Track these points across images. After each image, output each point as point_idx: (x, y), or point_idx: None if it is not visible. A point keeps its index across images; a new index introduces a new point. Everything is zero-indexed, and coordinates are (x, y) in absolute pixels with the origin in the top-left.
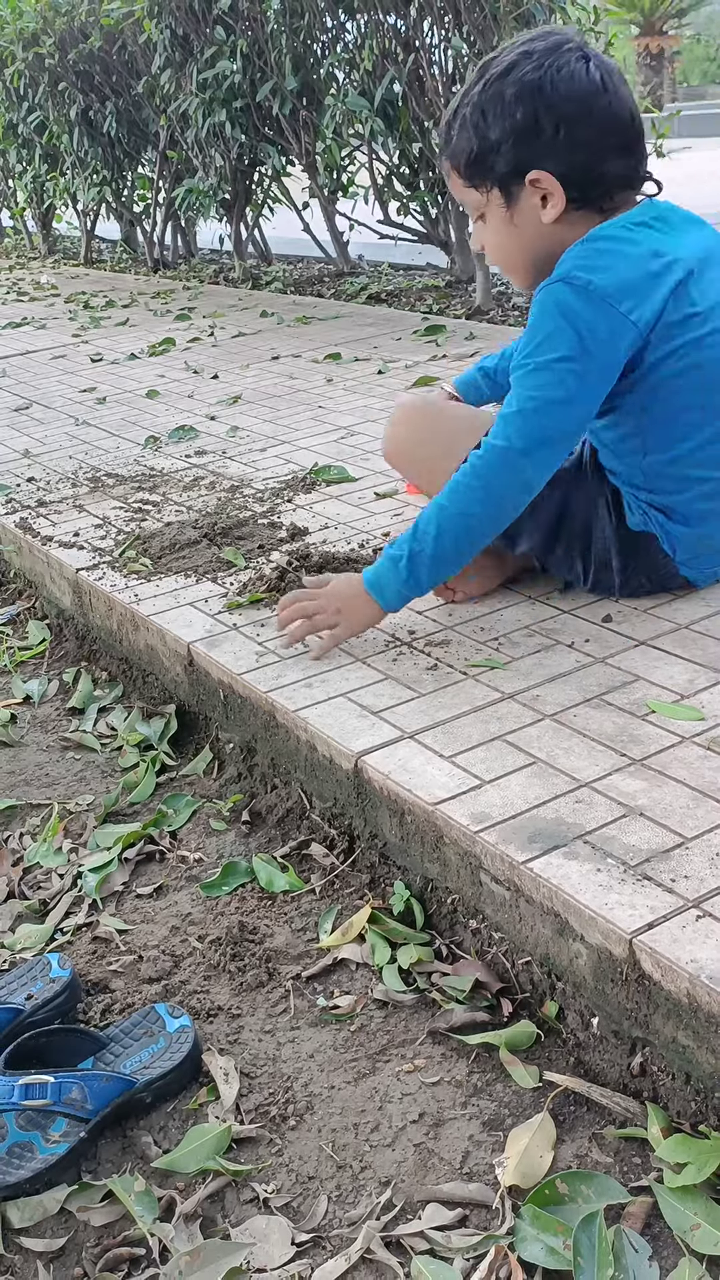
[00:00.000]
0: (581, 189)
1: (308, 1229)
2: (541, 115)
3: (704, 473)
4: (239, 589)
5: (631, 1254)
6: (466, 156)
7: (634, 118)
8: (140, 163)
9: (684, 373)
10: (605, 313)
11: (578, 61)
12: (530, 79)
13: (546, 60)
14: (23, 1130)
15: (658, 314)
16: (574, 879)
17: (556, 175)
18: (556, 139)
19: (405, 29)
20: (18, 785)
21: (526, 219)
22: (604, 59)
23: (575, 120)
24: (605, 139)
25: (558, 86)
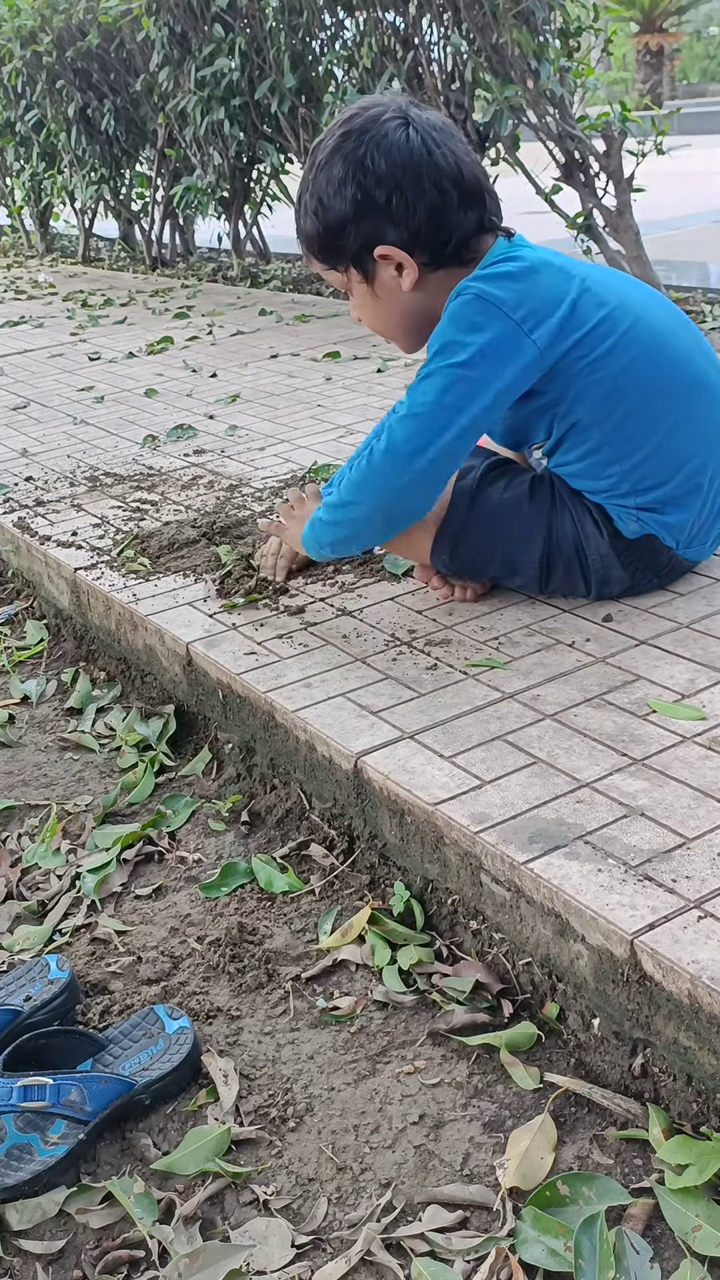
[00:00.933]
0: (431, 251)
1: (308, 1231)
2: (372, 190)
3: (683, 455)
4: (221, 586)
5: (633, 1255)
6: (316, 243)
7: (465, 171)
8: (138, 160)
9: (622, 373)
10: (502, 322)
11: (397, 130)
12: (353, 157)
13: (366, 135)
14: (21, 1132)
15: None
16: (575, 879)
17: (402, 245)
18: (392, 210)
19: (404, 26)
20: (16, 786)
21: (388, 290)
22: (428, 119)
23: (405, 188)
24: (441, 199)
25: (379, 159)
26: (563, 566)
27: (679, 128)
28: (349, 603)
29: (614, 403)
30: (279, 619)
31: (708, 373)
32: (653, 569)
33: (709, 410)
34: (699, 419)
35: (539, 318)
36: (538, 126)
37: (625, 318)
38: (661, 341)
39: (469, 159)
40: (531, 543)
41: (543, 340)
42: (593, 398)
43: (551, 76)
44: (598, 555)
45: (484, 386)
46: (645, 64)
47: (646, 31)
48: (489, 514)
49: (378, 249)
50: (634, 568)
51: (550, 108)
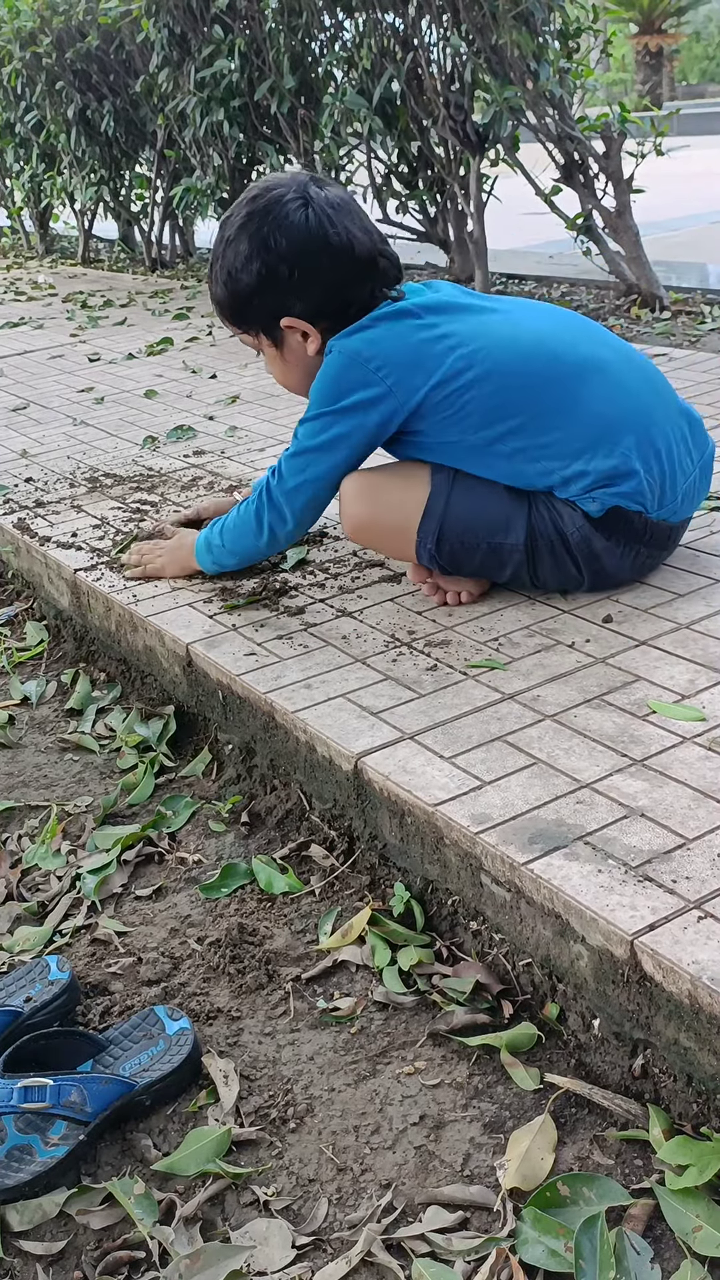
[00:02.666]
0: (331, 319)
1: (308, 1232)
2: (274, 267)
3: (598, 431)
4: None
5: (633, 1256)
6: (227, 310)
7: (357, 248)
8: (138, 162)
9: (496, 392)
10: (363, 374)
11: (297, 210)
12: (258, 236)
13: (269, 216)
14: (22, 1133)
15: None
16: (575, 880)
17: (305, 316)
18: (293, 284)
19: (404, 27)
20: (16, 787)
21: (295, 354)
22: (326, 197)
23: (304, 265)
24: (337, 274)
25: (280, 239)
26: (547, 549)
27: (678, 129)
28: (349, 604)
29: (502, 416)
30: (279, 620)
31: (595, 353)
32: (634, 537)
33: (607, 383)
34: (598, 395)
35: (392, 366)
36: (537, 128)
37: (483, 348)
38: (527, 353)
39: (362, 234)
40: (514, 525)
41: (399, 389)
42: (473, 424)
43: (551, 78)
44: (575, 529)
45: (351, 431)
46: (644, 65)
47: (646, 33)
48: (469, 496)
49: (283, 320)
50: (614, 538)
51: (550, 109)
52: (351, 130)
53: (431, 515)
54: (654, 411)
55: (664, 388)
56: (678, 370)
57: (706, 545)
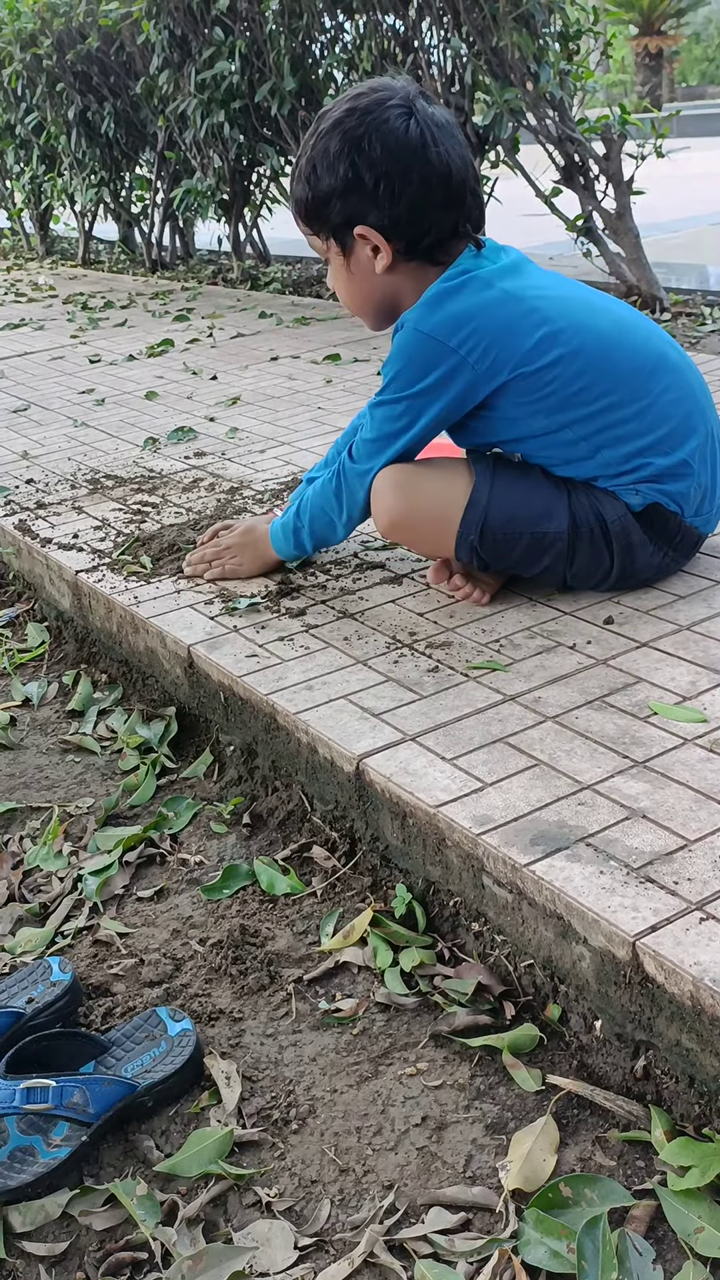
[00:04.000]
0: (408, 241)
1: (310, 1233)
2: (362, 171)
3: (662, 431)
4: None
5: (635, 1257)
6: (303, 207)
7: (454, 174)
8: (138, 163)
9: (575, 378)
10: (441, 354)
11: (399, 118)
12: (352, 135)
13: (368, 117)
14: (24, 1134)
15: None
16: (576, 881)
17: (381, 229)
18: (378, 194)
19: (404, 29)
20: (17, 788)
21: (362, 268)
22: (432, 114)
23: (394, 176)
24: (425, 194)
25: (376, 143)
26: (588, 538)
27: (678, 130)
28: (350, 605)
29: (583, 400)
30: (280, 621)
31: (665, 354)
32: (666, 538)
33: (678, 383)
34: (671, 393)
35: (477, 343)
36: (537, 129)
37: (568, 327)
38: (610, 340)
39: (460, 162)
40: (557, 513)
41: (481, 365)
42: (550, 406)
43: (551, 79)
44: (617, 518)
45: (425, 411)
46: (644, 66)
47: (645, 34)
48: (513, 485)
49: (358, 227)
50: (650, 534)
51: (550, 110)
52: None
53: (476, 505)
54: (711, 419)
55: (707, 391)
56: None
57: (707, 546)
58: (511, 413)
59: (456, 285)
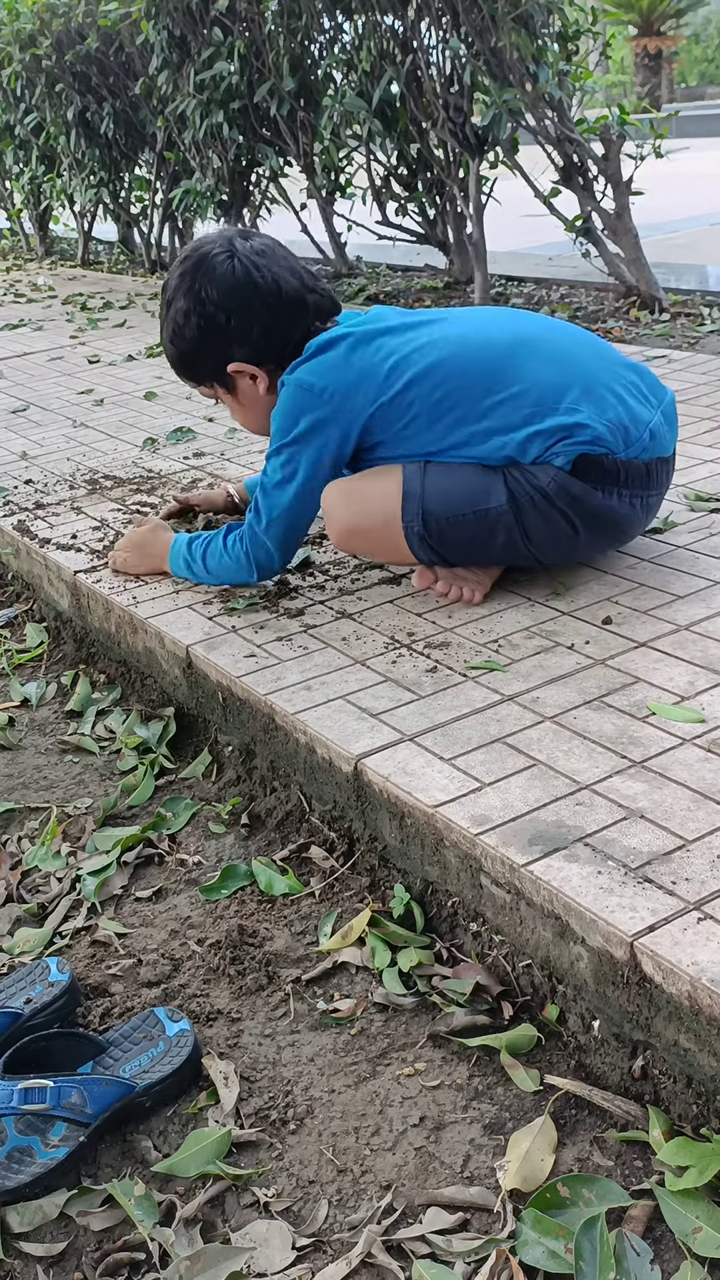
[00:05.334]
0: (275, 359)
1: (308, 1233)
2: (211, 317)
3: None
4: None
5: (633, 1257)
6: (179, 367)
7: (283, 289)
8: (137, 164)
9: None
10: (310, 398)
11: (224, 262)
12: (191, 293)
13: (199, 270)
14: (22, 1135)
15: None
16: (575, 881)
17: (248, 359)
18: (230, 330)
19: (403, 30)
20: (16, 788)
21: (249, 397)
22: (251, 246)
23: (239, 311)
24: (271, 314)
25: (212, 290)
26: (530, 505)
27: (677, 130)
28: (349, 605)
29: (446, 408)
30: (279, 621)
31: (520, 331)
32: (609, 478)
33: (537, 353)
34: (531, 365)
35: (338, 386)
36: (536, 130)
37: (413, 351)
38: (457, 343)
39: (289, 275)
40: (493, 489)
41: (349, 406)
42: (424, 422)
43: (550, 80)
44: (550, 479)
45: (307, 453)
46: (643, 67)
47: (645, 35)
48: (446, 472)
49: (230, 366)
50: (590, 482)
51: (549, 111)
52: (351, 132)
53: (411, 496)
54: (590, 366)
55: (600, 347)
56: (677, 372)
57: (706, 547)
58: (398, 441)
59: (314, 345)
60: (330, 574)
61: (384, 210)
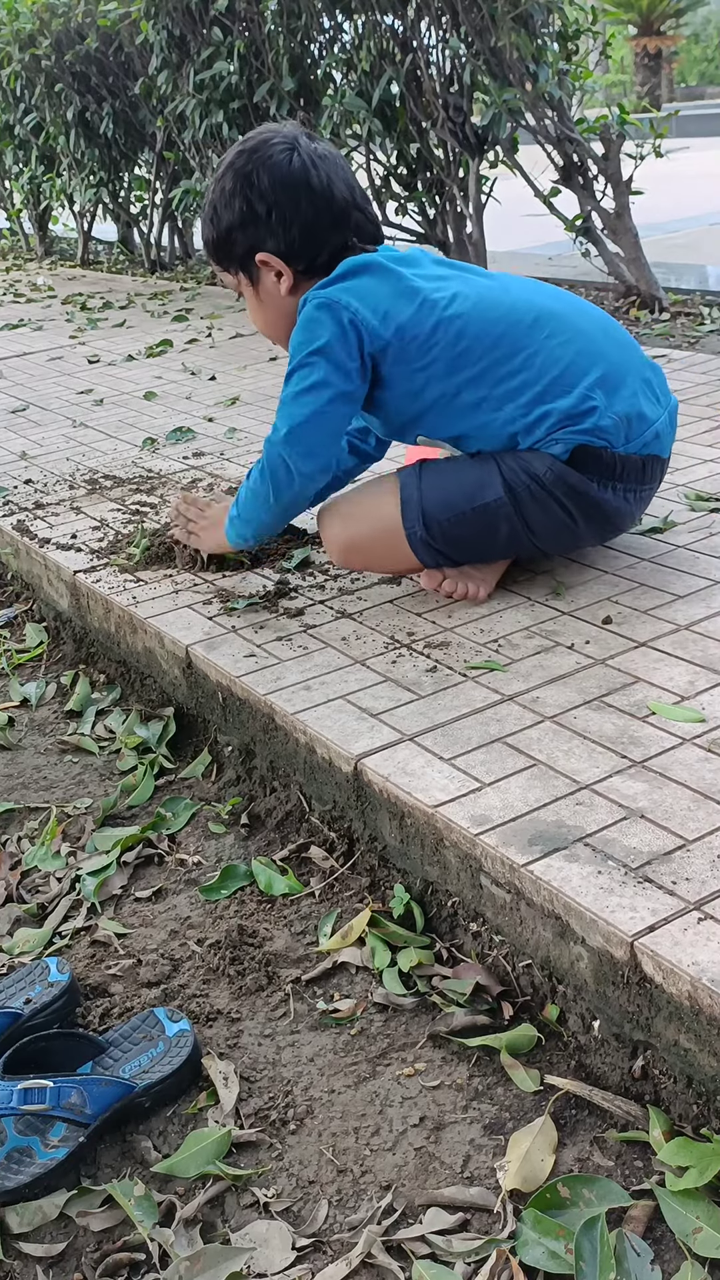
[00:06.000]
0: (305, 261)
1: (308, 1233)
2: (254, 202)
3: (553, 375)
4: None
5: (633, 1257)
6: (211, 246)
7: (336, 196)
8: (137, 164)
9: (457, 339)
10: (332, 311)
11: (282, 153)
12: (241, 172)
13: (255, 155)
14: (21, 1135)
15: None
16: (575, 881)
17: (279, 254)
18: (270, 222)
19: (403, 29)
20: (15, 788)
21: (269, 293)
22: (314, 148)
23: (283, 204)
24: (314, 215)
25: (263, 176)
26: (528, 496)
27: (677, 130)
28: (349, 605)
29: (466, 363)
30: (279, 621)
31: (548, 305)
32: (606, 473)
33: (563, 329)
34: (555, 340)
35: (364, 298)
36: (536, 129)
37: (444, 298)
38: (486, 302)
39: (343, 185)
40: (490, 482)
41: (369, 314)
42: (440, 370)
43: (550, 79)
44: (546, 469)
45: (333, 367)
46: (643, 67)
47: (644, 34)
48: (440, 473)
49: (259, 255)
50: (587, 473)
51: (549, 110)
52: (351, 132)
53: (410, 501)
54: (611, 353)
55: (623, 336)
56: (677, 372)
57: (706, 546)
58: (409, 383)
59: (345, 268)
60: (330, 574)
61: (384, 210)
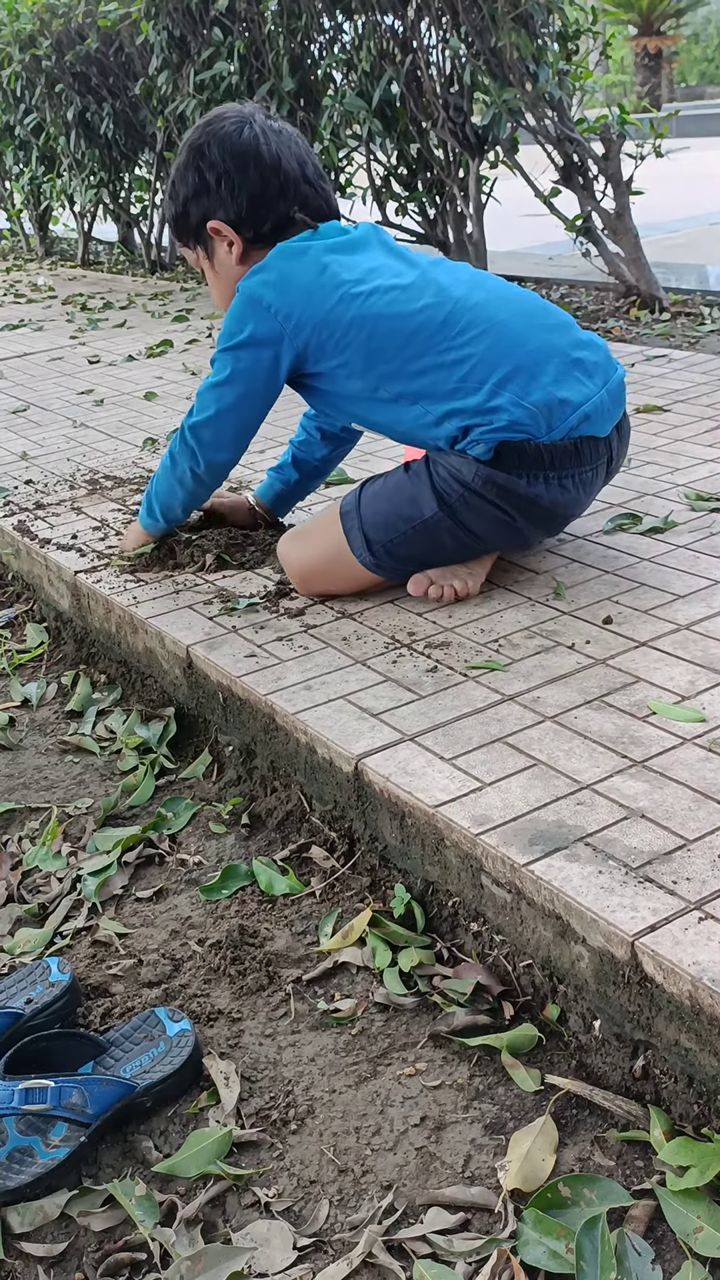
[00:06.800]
0: (253, 229)
1: (309, 1233)
2: (205, 172)
3: (460, 369)
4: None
5: (634, 1257)
6: (171, 221)
7: (284, 166)
8: (137, 164)
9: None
10: (254, 308)
11: (233, 125)
12: (194, 145)
13: (208, 128)
14: (23, 1135)
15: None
16: (575, 881)
17: (228, 221)
18: (220, 190)
19: (403, 30)
20: (16, 789)
21: (222, 263)
22: (268, 123)
23: (231, 173)
24: (261, 185)
25: (214, 147)
26: (463, 505)
27: (677, 130)
28: (349, 605)
29: (379, 360)
30: (279, 621)
31: (469, 296)
32: (534, 465)
33: (477, 323)
34: (467, 336)
35: (284, 303)
36: (536, 129)
37: (366, 291)
38: (406, 296)
39: (292, 158)
40: (422, 499)
41: (287, 318)
42: (357, 366)
43: (550, 79)
44: (474, 474)
45: (248, 367)
46: (643, 67)
47: (645, 34)
48: (376, 496)
49: (210, 223)
50: (514, 470)
51: (549, 110)
52: (351, 132)
53: (352, 529)
54: (529, 340)
55: (551, 319)
56: (677, 372)
57: (706, 546)
58: (331, 375)
59: (278, 252)
60: None
61: (384, 210)
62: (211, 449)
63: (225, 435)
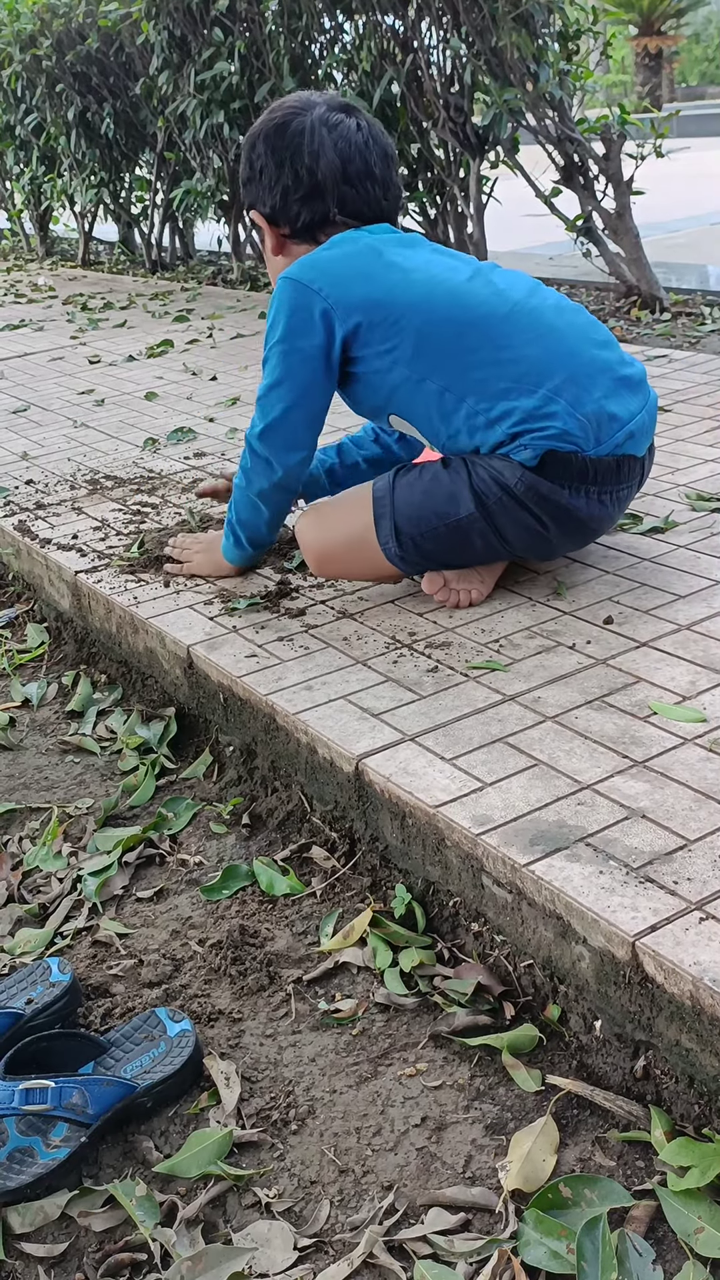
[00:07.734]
0: (288, 225)
1: (310, 1233)
2: (253, 162)
3: (517, 371)
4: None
5: (635, 1258)
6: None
7: (321, 168)
8: (138, 164)
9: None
10: (299, 294)
11: (283, 117)
12: (251, 133)
13: (267, 117)
14: (23, 1135)
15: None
16: (576, 881)
17: (265, 215)
18: (260, 182)
19: (403, 30)
20: (17, 789)
21: (267, 250)
22: (324, 116)
23: (268, 168)
24: (295, 183)
25: (261, 139)
26: (499, 507)
27: (678, 130)
28: (349, 605)
29: (431, 349)
30: (280, 621)
31: (524, 300)
32: (577, 478)
33: (533, 326)
34: (524, 337)
35: (331, 280)
36: (537, 129)
37: (422, 280)
38: (462, 289)
39: (337, 157)
40: (460, 497)
41: (335, 298)
42: (405, 355)
43: (551, 79)
44: (517, 479)
45: (301, 356)
46: (644, 67)
47: (645, 34)
48: (412, 487)
49: (252, 211)
50: (558, 481)
51: (549, 111)
52: None
53: (383, 517)
54: (582, 352)
55: (600, 335)
56: (677, 372)
57: (706, 546)
58: (377, 363)
59: (326, 245)
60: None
61: None
62: (285, 450)
63: (298, 431)
